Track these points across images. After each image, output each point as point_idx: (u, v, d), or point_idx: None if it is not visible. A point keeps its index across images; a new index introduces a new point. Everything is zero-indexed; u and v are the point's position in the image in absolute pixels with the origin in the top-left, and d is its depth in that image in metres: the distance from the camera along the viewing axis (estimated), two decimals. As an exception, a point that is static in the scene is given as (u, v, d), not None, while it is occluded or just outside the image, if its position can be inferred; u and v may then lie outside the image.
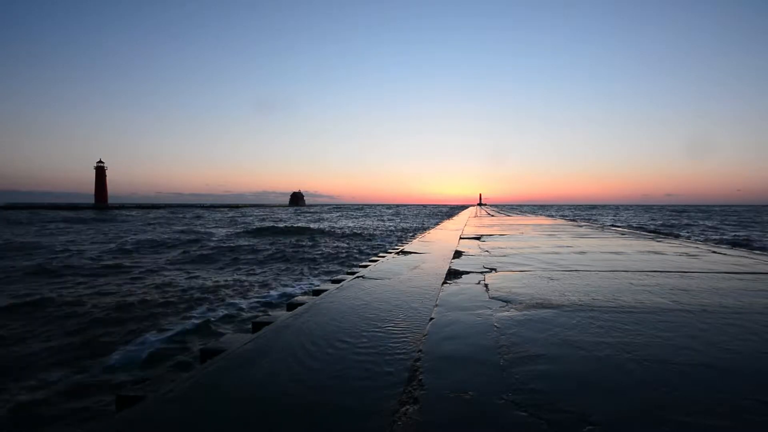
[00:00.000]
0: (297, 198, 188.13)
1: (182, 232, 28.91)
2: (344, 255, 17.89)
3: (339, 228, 34.16)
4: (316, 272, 13.52)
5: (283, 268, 14.26)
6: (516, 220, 17.23)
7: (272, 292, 10.02)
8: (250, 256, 16.82)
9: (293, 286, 10.92)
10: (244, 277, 12.16)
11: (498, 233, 9.34)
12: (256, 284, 11.13)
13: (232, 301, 9.04)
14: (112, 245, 19.81)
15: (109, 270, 12.86)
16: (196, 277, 11.92)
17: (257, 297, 9.51)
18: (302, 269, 14.07)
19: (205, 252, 17.60)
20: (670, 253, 5.46)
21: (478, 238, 7.94)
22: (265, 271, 13.40)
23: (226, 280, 11.54)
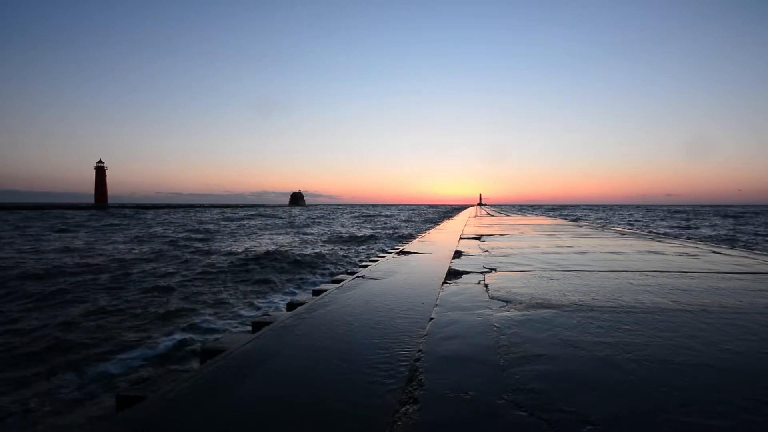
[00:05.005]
0: (297, 198, 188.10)
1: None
2: None
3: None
4: None
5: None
6: (516, 220, 17.22)
7: None
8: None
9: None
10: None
11: (498, 233, 9.34)
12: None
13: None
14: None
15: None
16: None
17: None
18: None
19: None
20: (670, 253, 5.46)
21: (478, 238, 7.94)
22: None
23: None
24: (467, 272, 4.01)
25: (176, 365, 5.26)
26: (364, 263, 5.16)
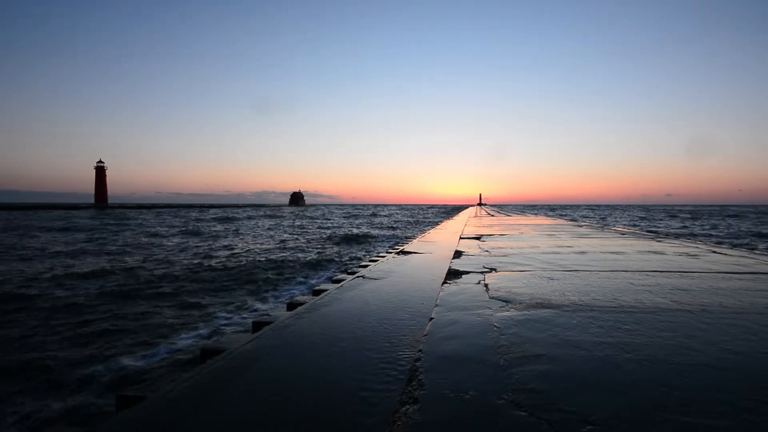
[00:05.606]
0: (297, 198, 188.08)
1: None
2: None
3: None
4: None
5: None
6: (516, 220, 17.22)
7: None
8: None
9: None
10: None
11: (498, 233, 9.34)
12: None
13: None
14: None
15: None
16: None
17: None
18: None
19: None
20: (670, 253, 5.45)
21: (478, 238, 7.93)
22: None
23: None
24: (467, 272, 4.01)
25: (174, 368, 5.27)
26: (364, 263, 5.16)
